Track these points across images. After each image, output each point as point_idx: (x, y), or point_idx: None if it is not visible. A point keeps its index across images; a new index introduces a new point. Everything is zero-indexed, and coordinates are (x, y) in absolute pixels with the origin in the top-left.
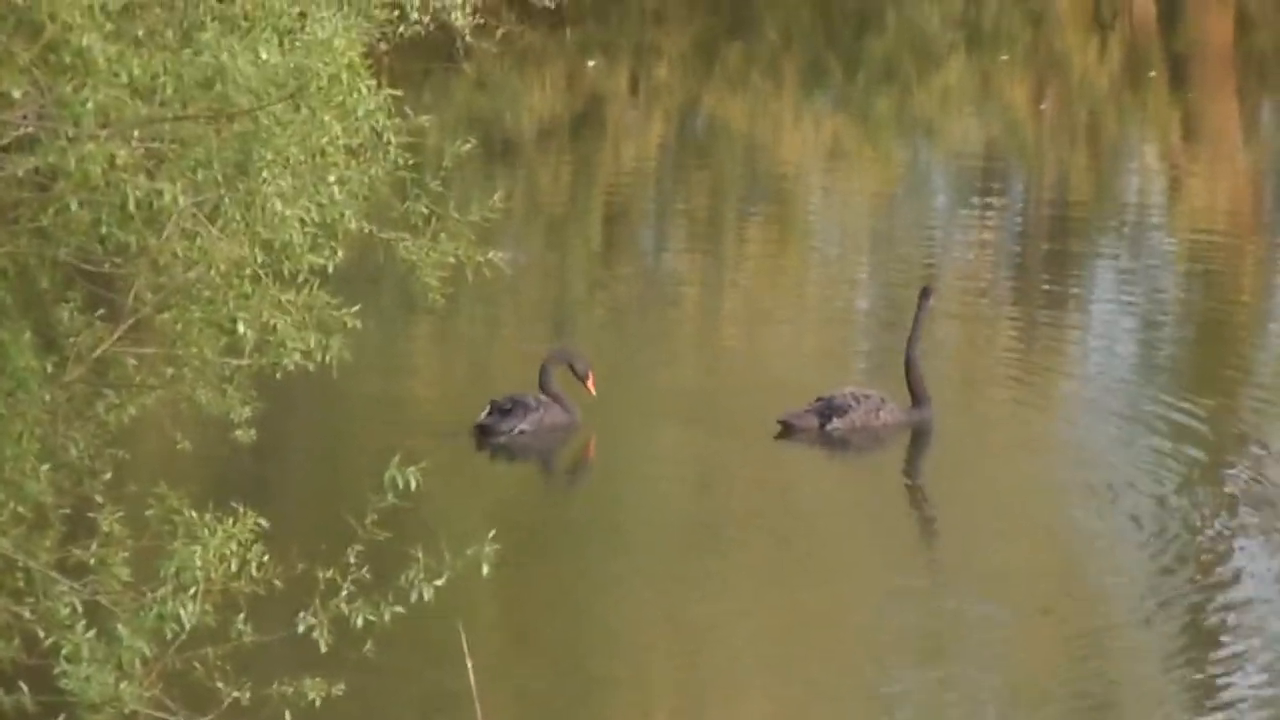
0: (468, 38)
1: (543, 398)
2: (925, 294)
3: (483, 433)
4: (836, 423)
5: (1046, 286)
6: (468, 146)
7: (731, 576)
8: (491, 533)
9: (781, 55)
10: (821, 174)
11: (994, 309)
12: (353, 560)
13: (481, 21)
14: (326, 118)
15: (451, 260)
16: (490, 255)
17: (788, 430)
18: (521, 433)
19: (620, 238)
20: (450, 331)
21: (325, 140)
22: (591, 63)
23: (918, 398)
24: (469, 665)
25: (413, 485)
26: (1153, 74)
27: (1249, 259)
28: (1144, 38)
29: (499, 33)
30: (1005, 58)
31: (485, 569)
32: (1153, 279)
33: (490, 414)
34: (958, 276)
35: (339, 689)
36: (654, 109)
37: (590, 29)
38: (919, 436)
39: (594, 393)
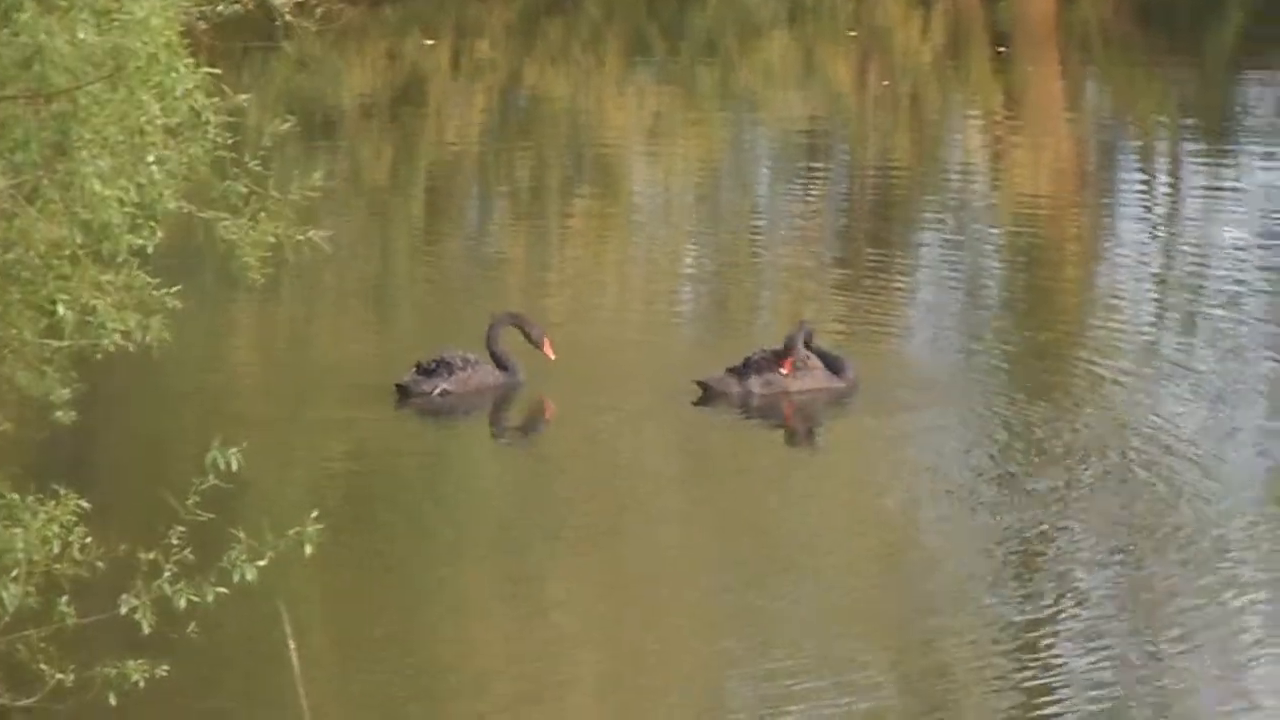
0: (287, 15)
1: (470, 357)
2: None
3: (402, 393)
4: (754, 384)
5: (873, 252)
6: (287, 125)
7: (580, 560)
8: (314, 513)
9: (604, 29)
10: (645, 147)
11: (820, 275)
12: (175, 541)
13: None
14: (145, 97)
15: (271, 239)
16: (310, 234)
17: (706, 392)
18: (444, 393)
19: (444, 213)
20: (272, 309)
21: (144, 120)
22: (429, 41)
23: (832, 365)
24: (291, 645)
25: (234, 466)
26: (1002, 50)
27: (1070, 222)
28: (967, 11)
29: (319, 10)
30: (853, 33)
31: (308, 549)
32: (978, 241)
33: (414, 374)
34: (783, 244)
35: (163, 670)
36: (476, 85)
37: (411, 5)
38: (839, 402)
39: (552, 356)
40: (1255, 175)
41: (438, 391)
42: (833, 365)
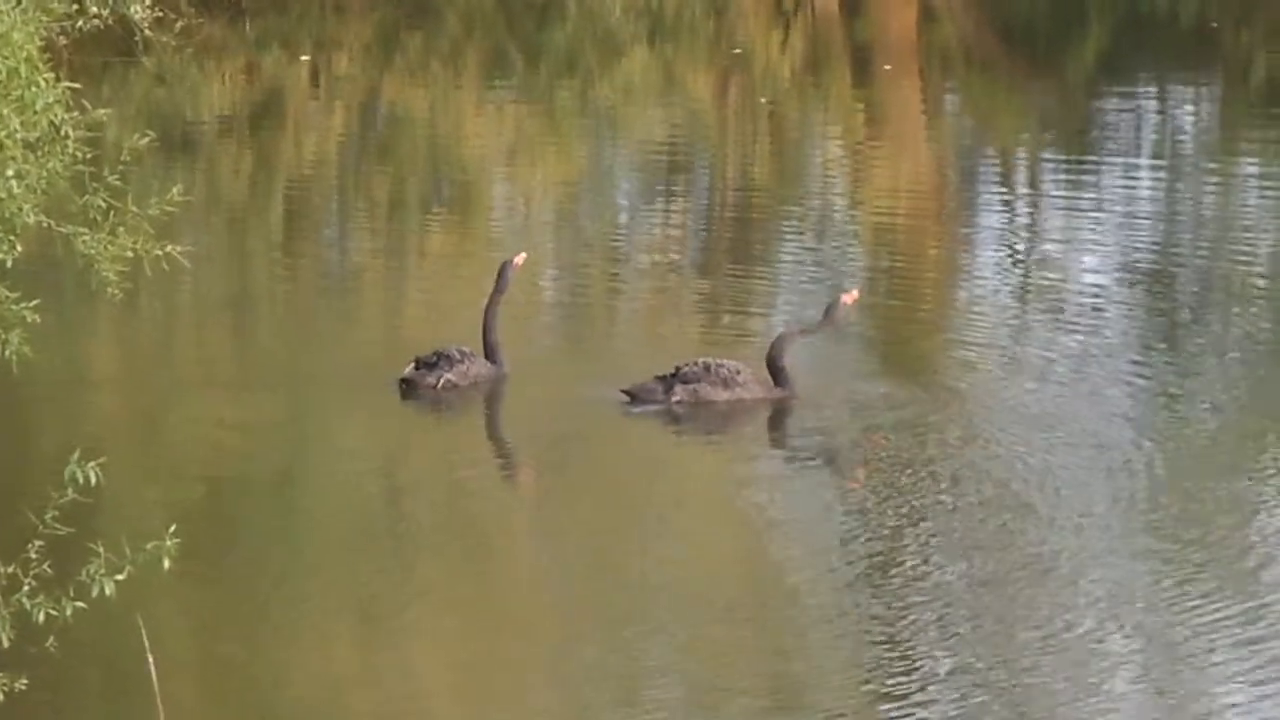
0: (147, 31)
1: (466, 349)
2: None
3: (407, 386)
4: (682, 394)
5: (736, 267)
6: (146, 140)
7: (455, 576)
8: (173, 526)
9: (463, 45)
10: (504, 165)
11: (682, 290)
12: (34, 555)
13: (160, 14)
14: (4, 111)
15: (130, 254)
16: (169, 248)
17: (631, 399)
18: (450, 383)
19: (302, 229)
20: (131, 323)
21: (3, 134)
22: (305, 57)
23: (777, 377)
24: (150, 659)
25: (93, 480)
26: (888, 67)
27: (930, 237)
28: (827, 28)
29: (178, 25)
30: (738, 51)
31: (167, 563)
32: (839, 256)
33: (414, 368)
34: (644, 258)
35: (21, 684)
36: (335, 100)
37: (270, 21)
38: (776, 414)
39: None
40: (1115, 190)
41: (441, 383)
42: (777, 376)
